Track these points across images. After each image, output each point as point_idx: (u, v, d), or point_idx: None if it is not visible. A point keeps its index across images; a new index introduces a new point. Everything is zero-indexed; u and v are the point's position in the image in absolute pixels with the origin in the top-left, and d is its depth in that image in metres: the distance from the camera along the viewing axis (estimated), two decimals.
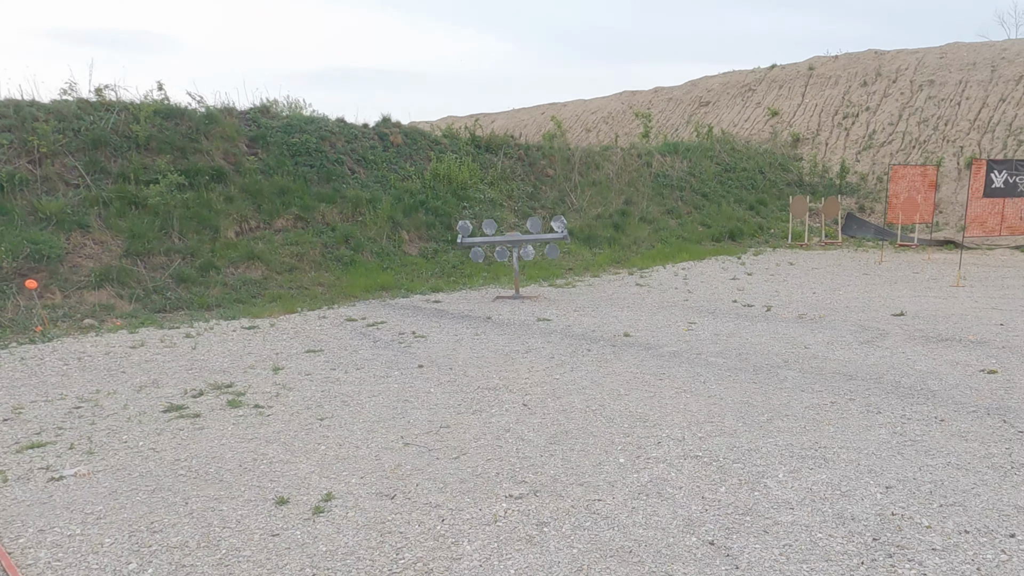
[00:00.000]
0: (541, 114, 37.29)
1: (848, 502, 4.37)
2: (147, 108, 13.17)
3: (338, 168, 15.12)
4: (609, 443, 5.44)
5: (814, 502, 4.38)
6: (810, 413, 6.07)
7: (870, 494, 4.48)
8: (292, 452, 5.38)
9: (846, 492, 4.51)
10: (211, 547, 3.99)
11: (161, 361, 8.10)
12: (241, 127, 14.53)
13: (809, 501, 4.40)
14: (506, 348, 8.60)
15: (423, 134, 17.70)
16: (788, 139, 26.50)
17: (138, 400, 6.71)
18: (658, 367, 7.62)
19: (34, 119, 11.95)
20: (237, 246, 12.42)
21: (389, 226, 14.57)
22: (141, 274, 11.10)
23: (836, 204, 20.55)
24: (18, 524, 4.29)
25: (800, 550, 3.82)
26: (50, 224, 10.95)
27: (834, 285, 13.28)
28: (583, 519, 4.23)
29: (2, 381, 7.32)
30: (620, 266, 15.85)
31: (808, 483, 4.66)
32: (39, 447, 5.54)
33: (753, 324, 9.78)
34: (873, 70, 26.71)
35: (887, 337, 8.89)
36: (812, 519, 4.16)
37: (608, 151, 21.37)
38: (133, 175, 12.26)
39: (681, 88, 33.12)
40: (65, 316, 9.82)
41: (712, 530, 4.07)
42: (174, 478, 4.95)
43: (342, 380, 7.30)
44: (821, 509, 4.29)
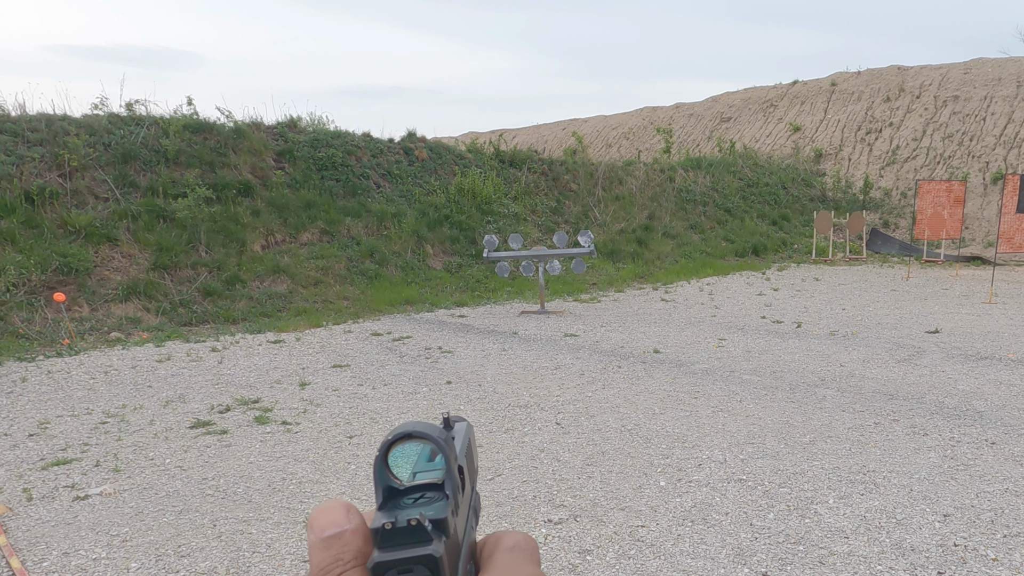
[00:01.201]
0: (562, 130, 37.15)
1: (905, 531, 4.11)
2: (177, 123, 13.13)
3: (364, 182, 15.01)
4: (648, 465, 5.20)
5: (869, 531, 4.12)
6: (854, 434, 5.79)
7: (928, 523, 4.21)
8: (322, 472, 5.18)
9: (902, 520, 4.24)
10: (241, 573, 3.78)
11: (187, 375, 7.95)
12: (269, 141, 14.47)
13: (864, 530, 4.13)
14: (534, 364, 8.38)
15: (448, 149, 17.58)
16: (811, 154, 26.17)
17: (164, 415, 6.54)
18: (692, 385, 7.37)
19: (65, 133, 11.93)
20: (263, 260, 12.30)
21: (414, 240, 14.42)
22: (168, 287, 10.99)
23: (861, 219, 20.20)
24: (42, 546, 4.11)
25: None
26: (79, 237, 10.88)
27: (863, 301, 12.95)
28: (627, 547, 4.00)
29: (29, 395, 7.19)
30: (644, 281, 15.60)
31: (861, 510, 4.39)
32: (64, 464, 5.38)
33: (784, 341, 9.50)
34: (896, 86, 26.36)
35: (924, 355, 8.59)
36: (870, 550, 3.90)
37: (631, 166, 21.16)
38: (162, 189, 12.20)
39: (702, 104, 32.88)
40: (92, 329, 9.71)
41: (764, 560, 3.82)
42: (202, 498, 4.76)
43: (370, 396, 7.11)
44: (878, 539, 4.02)
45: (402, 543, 0.36)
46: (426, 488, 0.40)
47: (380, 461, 0.41)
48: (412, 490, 0.40)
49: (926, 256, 19.61)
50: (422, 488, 0.40)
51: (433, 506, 0.38)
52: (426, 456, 0.41)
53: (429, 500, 0.39)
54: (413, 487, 0.40)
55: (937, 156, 23.54)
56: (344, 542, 0.36)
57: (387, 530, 0.37)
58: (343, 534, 0.37)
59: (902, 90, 26.14)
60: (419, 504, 0.39)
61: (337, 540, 0.36)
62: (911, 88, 25.99)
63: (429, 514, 0.37)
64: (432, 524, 0.37)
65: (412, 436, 0.41)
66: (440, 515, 0.37)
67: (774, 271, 17.53)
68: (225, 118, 14.48)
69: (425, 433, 0.41)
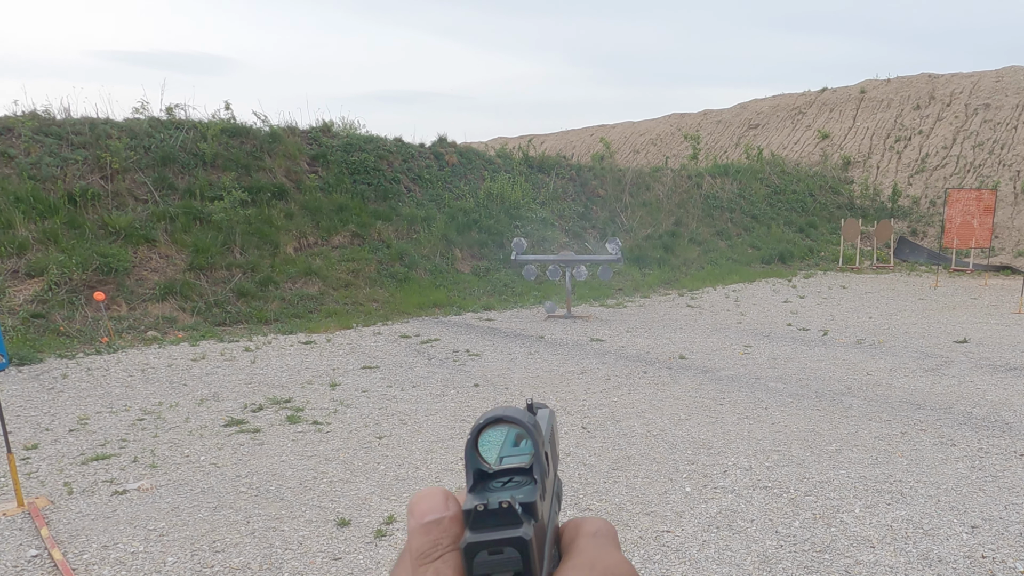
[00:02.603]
0: (590, 135, 37.10)
1: (932, 542, 4.06)
2: (214, 127, 13.32)
3: (394, 186, 15.11)
4: (673, 470, 5.19)
5: (896, 541, 4.07)
6: (880, 444, 5.73)
7: (955, 534, 4.15)
8: (352, 471, 5.22)
9: (929, 531, 4.19)
10: (273, 569, 3.83)
11: (221, 374, 8.05)
12: (303, 145, 14.61)
13: (890, 540, 4.09)
14: (560, 368, 8.38)
15: (477, 154, 17.64)
16: (839, 162, 25.90)
17: (199, 413, 6.64)
18: (717, 391, 7.33)
19: (108, 136, 12.15)
20: (295, 262, 12.42)
21: (443, 244, 14.49)
22: (203, 288, 11.14)
23: (888, 228, 19.95)
24: (82, 539, 4.19)
25: None
26: (119, 238, 11.07)
27: (890, 310, 12.79)
28: (652, 552, 3.99)
29: (70, 391, 7.33)
30: (670, 287, 15.52)
31: (887, 519, 4.34)
32: (103, 459, 5.48)
33: (810, 349, 9.41)
34: (926, 93, 26.00)
35: (952, 365, 8.46)
36: (896, 560, 3.86)
37: (659, 172, 21.08)
38: (199, 191, 12.37)
39: (730, 111, 32.68)
40: (130, 328, 9.87)
41: (790, 568, 3.79)
42: (235, 495, 4.82)
43: (399, 398, 7.15)
44: (904, 549, 3.98)
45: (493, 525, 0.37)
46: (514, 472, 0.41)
47: (471, 445, 0.41)
48: (500, 473, 0.41)
49: (954, 265, 19.31)
50: (510, 472, 0.41)
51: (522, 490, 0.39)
52: (511, 441, 0.42)
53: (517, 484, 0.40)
54: (501, 471, 0.41)
55: (967, 164, 23.18)
56: (443, 528, 0.37)
57: (479, 512, 0.37)
58: (442, 520, 0.38)
59: (932, 98, 25.78)
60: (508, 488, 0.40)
61: (436, 526, 0.37)
62: (941, 96, 25.62)
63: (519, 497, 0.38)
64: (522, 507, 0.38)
65: (502, 420, 0.42)
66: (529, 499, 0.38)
67: (800, 278, 17.36)
68: (261, 122, 14.66)
69: (515, 418, 0.42)
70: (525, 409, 0.44)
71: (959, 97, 25.14)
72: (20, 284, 9.91)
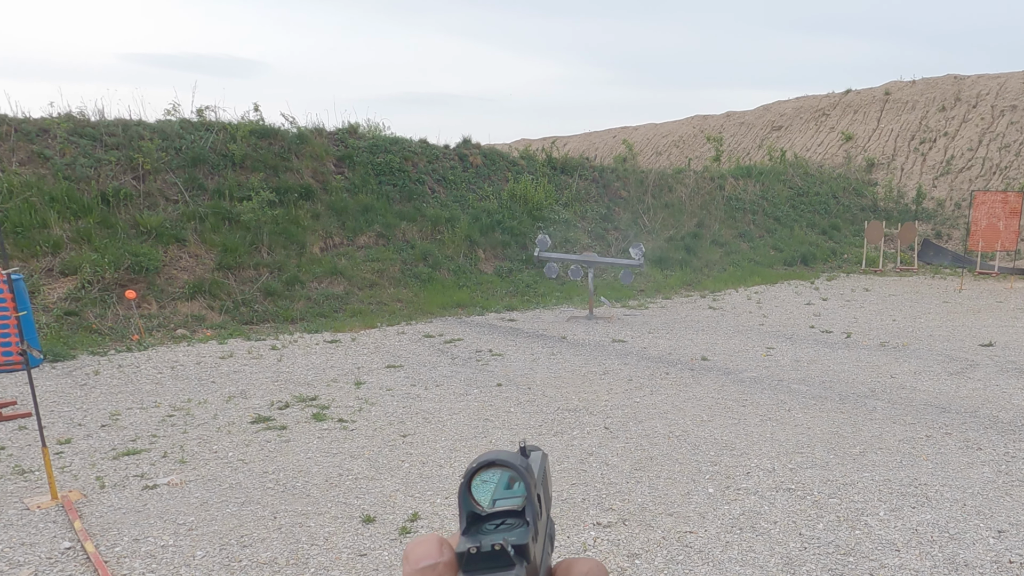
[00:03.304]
0: (613, 137, 37.00)
1: (958, 546, 3.99)
2: (244, 128, 13.43)
3: (419, 187, 15.16)
4: (696, 471, 5.15)
5: (921, 544, 4.02)
6: (905, 447, 5.65)
7: (982, 538, 4.09)
8: (377, 469, 5.24)
9: (955, 535, 4.13)
10: (300, 565, 3.85)
11: (249, 372, 8.12)
12: (329, 147, 14.70)
13: (916, 543, 4.03)
14: (583, 369, 8.36)
15: (501, 155, 17.64)
16: (862, 164, 25.61)
17: (227, 410, 6.69)
18: (740, 393, 7.27)
19: (140, 138, 12.30)
20: (321, 262, 12.50)
21: (466, 245, 14.51)
22: (231, 287, 11.24)
23: (913, 230, 19.69)
24: (114, 532, 4.24)
25: None
26: (150, 237, 11.20)
27: (914, 312, 12.62)
28: (675, 552, 3.96)
29: (101, 387, 7.43)
30: (692, 288, 15.43)
31: (912, 523, 4.29)
32: (134, 454, 5.54)
33: (834, 351, 9.31)
34: (952, 95, 25.64)
35: (977, 368, 8.33)
36: (921, 564, 3.80)
37: (681, 174, 20.96)
38: (228, 192, 12.49)
39: (753, 112, 32.44)
40: (160, 326, 9.98)
41: (814, 571, 3.75)
42: (263, 491, 4.86)
43: (422, 396, 7.17)
44: (930, 553, 3.92)
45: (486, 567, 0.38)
46: (507, 514, 0.41)
47: (464, 488, 0.42)
48: (493, 516, 0.41)
49: (979, 268, 19.01)
50: (503, 514, 0.41)
51: (515, 532, 0.40)
52: (504, 483, 0.42)
53: (510, 526, 0.40)
54: (495, 513, 0.41)
55: (993, 166, 22.83)
56: (438, 572, 0.38)
57: (472, 554, 0.38)
58: (437, 565, 0.38)
59: (958, 99, 25.42)
60: (501, 530, 0.40)
61: (431, 571, 0.38)
62: (967, 97, 25.25)
63: (512, 539, 0.39)
64: (514, 549, 0.38)
65: (495, 464, 0.42)
66: (522, 541, 0.39)
67: (823, 280, 17.18)
68: (289, 124, 14.75)
69: (508, 462, 0.42)
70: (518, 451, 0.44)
71: (985, 98, 24.77)
72: (54, 282, 10.06)
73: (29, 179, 10.92)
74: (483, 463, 0.42)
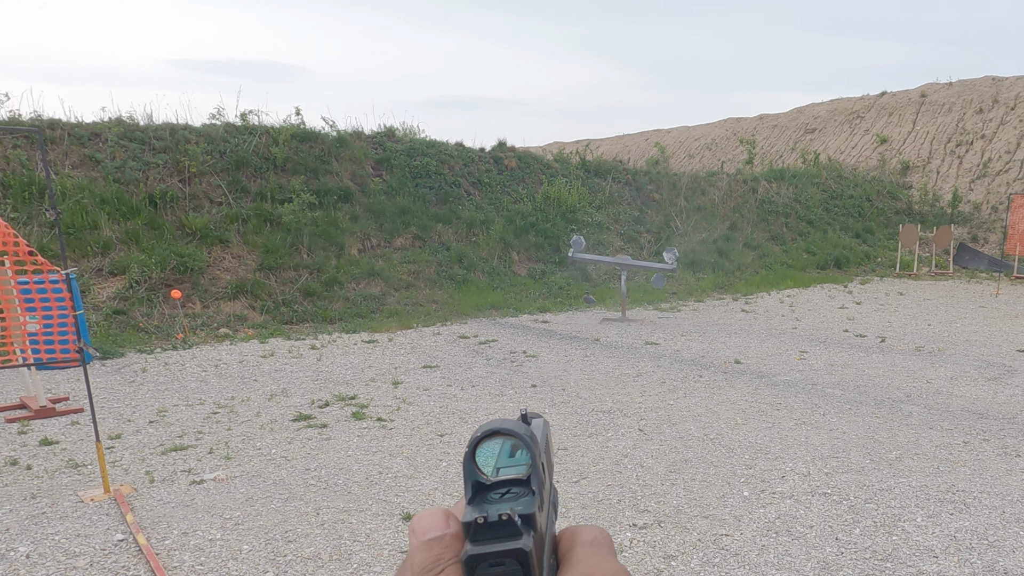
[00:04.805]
0: (645, 140, 36.81)
1: (997, 554, 3.93)
2: (286, 132, 13.62)
3: (455, 190, 15.23)
4: (731, 474, 5.12)
5: (960, 551, 3.96)
6: (942, 453, 5.56)
7: (1021, 546, 4.01)
8: (415, 467, 5.29)
9: (994, 543, 4.06)
10: (343, 560, 3.91)
11: (289, 371, 8.23)
12: (368, 150, 14.84)
13: (954, 550, 3.97)
14: (616, 371, 8.35)
15: (535, 158, 17.66)
16: (897, 167, 25.18)
17: (269, 408, 6.80)
18: (773, 396, 7.21)
19: (186, 141, 12.53)
20: (359, 263, 12.62)
21: (500, 247, 14.55)
22: (272, 287, 11.40)
23: (949, 234, 19.31)
24: (164, 525, 4.34)
25: None
26: (195, 239, 11.40)
27: (949, 317, 12.39)
28: (711, 555, 3.95)
29: (149, 384, 7.59)
30: (724, 291, 15.30)
31: (950, 530, 4.22)
32: (181, 450, 5.65)
33: (868, 355, 9.18)
34: (990, 97, 25.10)
35: (1015, 374, 8.16)
36: (960, 571, 3.75)
37: (714, 176, 20.80)
38: (270, 194, 12.67)
39: (787, 115, 32.06)
40: (203, 325, 10.16)
41: None
42: (305, 487, 4.93)
43: (458, 396, 7.21)
44: (969, 560, 3.86)
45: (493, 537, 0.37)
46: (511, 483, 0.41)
47: (469, 457, 0.42)
48: (498, 485, 0.41)
49: (1016, 272, 18.59)
50: (508, 483, 0.41)
51: (521, 501, 0.39)
52: (507, 452, 0.42)
53: (515, 495, 0.40)
54: (499, 482, 0.41)
55: None
56: (445, 544, 0.38)
57: (479, 524, 0.38)
58: (444, 537, 0.38)
59: (996, 101, 24.88)
60: (506, 499, 0.40)
61: (438, 542, 0.38)
62: (1005, 99, 24.70)
63: (518, 509, 0.38)
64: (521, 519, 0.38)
65: (499, 433, 0.42)
66: (528, 510, 0.38)
67: (856, 284, 16.94)
68: (329, 128, 14.92)
69: (512, 430, 0.42)
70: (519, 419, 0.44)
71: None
72: (104, 282, 10.29)
73: (81, 182, 11.18)
74: (487, 432, 0.42)
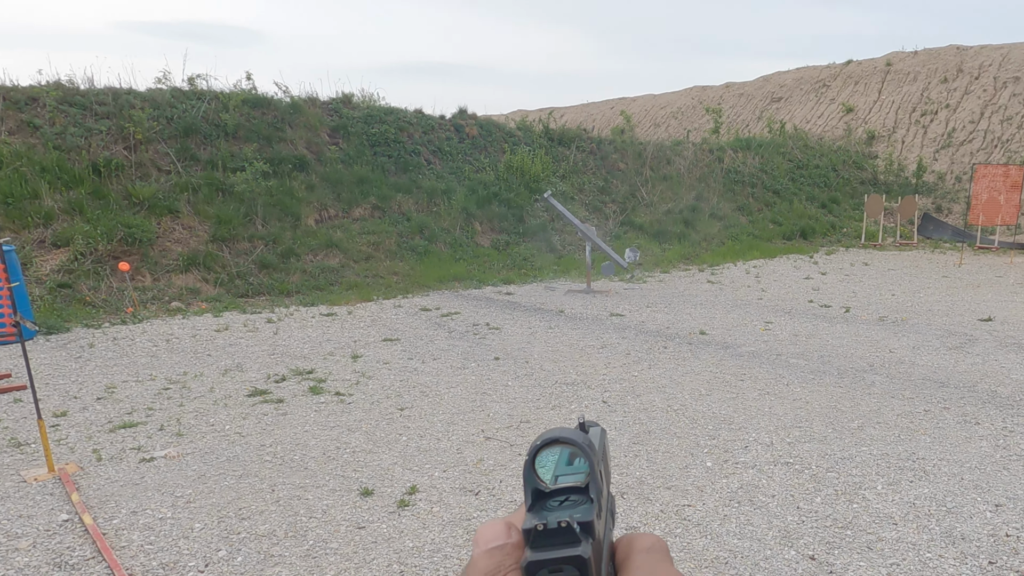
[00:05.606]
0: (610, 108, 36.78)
1: (956, 520, 4.04)
2: (236, 97, 13.32)
3: (415, 159, 15.08)
4: (694, 445, 5.19)
5: (919, 518, 4.06)
6: (903, 421, 5.70)
7: (979, 512, 4.14)
8: (374, 442, 5.27)
9: (952, 509, 4.18)
10: (298, 537, 3.89)
11: (244, 345, 8.13)
12: (324, 117, 14.59)
13: (913, 517, 4.08)
14: (580, 343, 8.39)
15: (498, 126, 17.54)
16: (863, 136, 25.52)
17: (223, 383, 6.71)
18: (738, 367, 7.31)
19: (131, 107, 12.19)
20: (316, 234, 12.46)
21: (462, 217, 14.47)
22: (226, 259, 11.21)
23: (913, 204, 19.67)
24: (112, 504, 4.27)
25: (909, 571, 3.52)
26: (143, 209, 11.14)
27: (913, 287, 12.66)
28: (674, 525, 4.01)
29: (97, 360, 7.43)
30: (690, 262, 15.44)
31: (910, 497, 4.33)
32: (131, 427, 5.56)
33: (832, 325, 9.35)
34: (954, 66, 25.49)
35: (976, 343, 8.38)
36: (919, 537, 3.85)
37: (680, 146, 20.88)
38: (221, 163, 12.41)
39: (753, 84, 32.24)
40: (154, 298, 9.97)
41: (811, 543, 3.79)
42: (260, 464, 4.88)
43: (420, 370, 7.19)
44: (927, 526, 3.97)
45: (552, 544, 0.39)
46: (570, 491, 0.42)
47: (529, 465, 0.43)
48: (556, 493, 0.42)
49: (979, 243, 19.03)
50: (566, 491, 0.42)
51: (579, 509, 0.40)
52: (565, 459, 0.43)
53: (574, 503, 0.41)
54: (558, 490, 0.42)
55: (995, 139, 22.76)
56: (506, 552, 0.40)
57: (539, 531, 0.39)
58: (505, 546, 0.40)
59: (960, 71, 25.28)
60: (565, 507, 0.41)
61: (500, 551, 0.40)
62: (970, 69, 25.11)
63: (577, 516, 0.39)
64: (580, 526, 0.39)
65: (558, 441, 0.43)
66: (587, 518, 0.39)
67: (822, 255, 17.20)
68: (282, 93, 14.64)
69: (570, 439, 0.43)
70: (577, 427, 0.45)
71: (988, 70, 24.64)
72: (47, 254, 10.02)
73: (19, 149, 10.83)
74: (547, 440, 0.43)
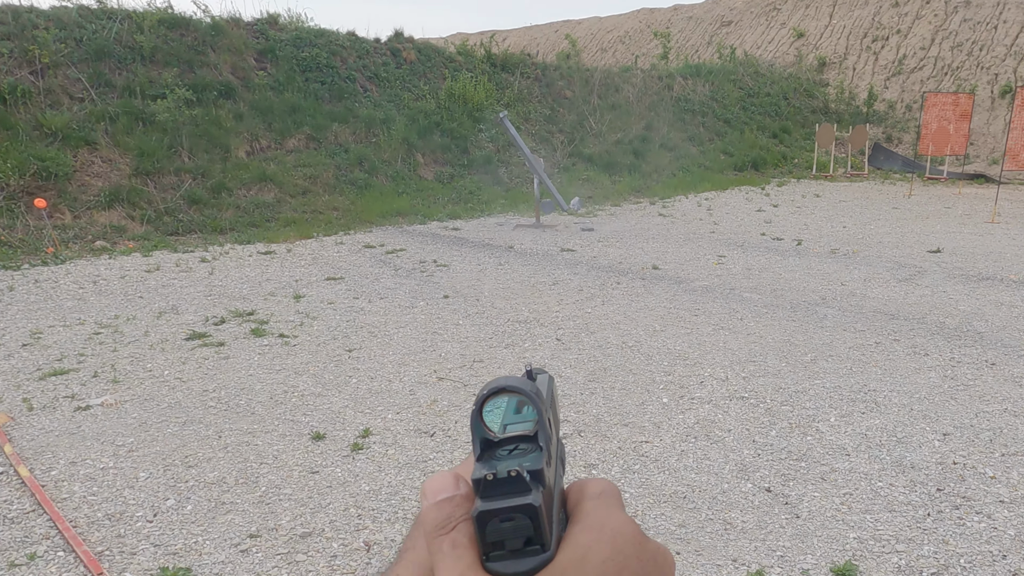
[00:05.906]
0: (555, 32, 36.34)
1: (905, 449, 4.29)
2: (151, 17, 12.75)
3: (350, 86, 14.74)
4: (650, 381, 5.35)
5: (870, 449, 4.30)
6: (855, 354, 5.96)
7: (928, 441, 4.39)
8: (323, 385, 5.29)
9: (902, 439, 4.42)
10: (250, 484, 3.92)
11: (178, 286, 7.98)
12: (249, 39, 14.10)
13: (865, 448, 4.31)
14: (532, 279, 8.47)
15: (437, 51, 17.21)
16: (814, 63, 25.82)
17: (159, 327, 6.61)
18: (692, 302, 7.50)
19: (34, 27, 11.57)
20: (248, 167, 12.17)
21: (404, 148, 14.28)
22: (152, 194, 10.90)
23: (864, 134, 20.11)
24: (48, 455, 4.22)
25: (862, 500, 3.75)
26: (56, 140, 10.70)
27: (864, 219, 13.05)
28: (631, 461, 4.16)
29: (18, 304, 7.23)
30: (641, 195, 15.59)
31: (862, 428, 4.57)
32: (62, 374, 5.46)
33: (784, 259, 9.62)
34: None
35: (925, 275, 8.73)
36: (870, 467, 4.08)
37: (628, 73, 20.83)
38: (139, 89, 11.94)
39: (702, 6, 32.15)
40: (76, 237, 9.67)
41: (767, 476, 3.99)
42: (204, 410, 4.87)
43: (366, 310, 7.19)
44: (879, 456, 4.20)
45: (503, 493, 0.40)
46: (519, 439, 0.43)
47: (476, 415, 0.44)
48: (505, 441, 0.43)
49: (929, 173, 19.63)
50: (515, 439, 0.43)
51: (529, 457, 0.42)
52: (513, 408, 0.45)
53: (523, 451, 0.42)
54: (506, 439, 0.43)
55: (945, 67, 23.29)
56: (455, 504, 0.41)
57: (488, 481, 0.40)
58: (455, 497, 0.41)
59: None
60: (514, 455, 0.42)
61: (449, 502, 0.41)
62: None
63: (527, 465, 0.41)
64: (530, 474, 0.40)
65: (505, 390, 0.44)
66: (536, 466, 0.41)
67: (774, 187, 17.55)
68: (202, 13, 14.05)
69: (517, 387, 0.44)
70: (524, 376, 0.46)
71: None
72: None
73: None
74: (494, 389, 0.44)
